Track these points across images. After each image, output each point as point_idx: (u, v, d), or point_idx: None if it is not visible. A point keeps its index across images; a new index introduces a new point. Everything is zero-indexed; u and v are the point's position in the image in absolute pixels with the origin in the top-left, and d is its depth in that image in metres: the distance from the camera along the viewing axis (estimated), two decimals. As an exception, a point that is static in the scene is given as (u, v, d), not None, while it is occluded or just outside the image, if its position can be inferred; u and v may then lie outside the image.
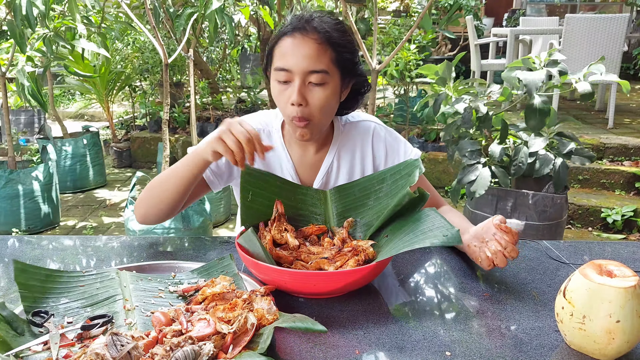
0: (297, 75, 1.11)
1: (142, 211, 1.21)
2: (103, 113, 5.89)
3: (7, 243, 1.26)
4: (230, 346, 0.76)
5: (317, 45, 1.11)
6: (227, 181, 1.33)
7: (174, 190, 1.14)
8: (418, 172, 1.06)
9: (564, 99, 5.89)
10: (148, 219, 1.21)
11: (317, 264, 1.00)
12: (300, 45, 1.11)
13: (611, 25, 4.39)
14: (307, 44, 1.11)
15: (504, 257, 1.00)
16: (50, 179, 3.68)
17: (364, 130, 1.32)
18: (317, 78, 1.12)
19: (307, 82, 1.12)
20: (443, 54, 8.10)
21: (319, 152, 1.31)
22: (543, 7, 9.10)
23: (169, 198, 1.16)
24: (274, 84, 1.16)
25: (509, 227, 1.02)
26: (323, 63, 1.12)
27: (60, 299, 0.92)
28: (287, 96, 1.14)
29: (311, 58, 1.11)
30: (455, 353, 0.81)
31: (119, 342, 0.73)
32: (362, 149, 1.31)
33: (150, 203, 1.19)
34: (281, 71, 1.12)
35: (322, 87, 1.13)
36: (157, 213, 1.19)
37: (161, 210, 1.19)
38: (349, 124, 1.33)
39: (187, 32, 2.86)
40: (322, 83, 1.12)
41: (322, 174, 1.30)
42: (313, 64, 1.11)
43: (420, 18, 2.88)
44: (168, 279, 1.01)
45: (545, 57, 2.34)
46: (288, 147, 1.30)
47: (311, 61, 1.11)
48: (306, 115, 1.14)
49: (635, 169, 3.87)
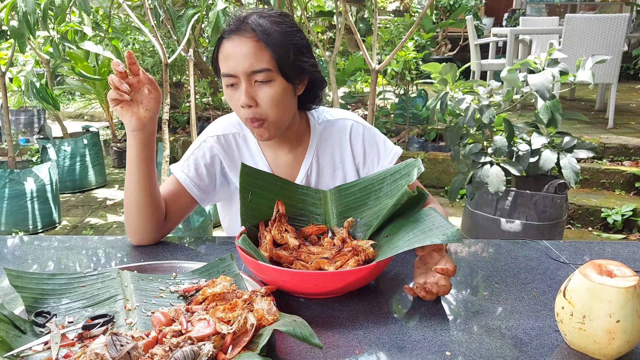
0: (241, 77, 1.10)
1: (130, 231, 1.21)
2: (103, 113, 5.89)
3: (7, 243, 1.26)
4: (229, 346, 0.76)
5: (254, 43, 1.09)
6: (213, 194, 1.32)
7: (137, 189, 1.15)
8: (417, 171, 1.06)
9: (564, 99, 5.89)
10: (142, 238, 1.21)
11: (317, 264, 1.00)
12: (238, 47, 1.09)
13: (611, 25, 4.39)
14: (245, 44, 1.09)
15: (433, 293, 0.94)
16: (50, 179, 3.68)
17: (342, 129, 1.30)
18: (261, 76, 1.10)
19: (254, 82, 1.11)
20: (443, 54, 8.10)
21: (292, 151, 1.29)
22: (543, 7, 9.10)
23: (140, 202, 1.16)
24: (224, 90, 1.16)
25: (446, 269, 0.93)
26: (263, 61, 1.09)
27: (62, 299, 0.92)
28: (236, 99, 1.13)
29: (251, 58, 1.09)
30: (455, 353, 0.81)
31: (118, 342, 0.73)
32: (341, 148, 1.30)
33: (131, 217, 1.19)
34: (227, 77, 1.12)
35: (268, 85, 1.11)
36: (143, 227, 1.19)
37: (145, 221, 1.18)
38: (326, 122, 1.31)
39: (187, 33, 2.86)
40: (267, 80, 1.11)
41: (302, 175, 1.29)
42: (254, 64, 1.09)
43: (420, 18, 2.88)
44: (169, 279, 1.01)
45: (546, 56, 2.34)
46: (263, 149, 1.30)
47: (251, 61, 1.09)
48: (258, 115, 1.13)
49: (635, 169, 3.87)
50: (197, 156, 1.28)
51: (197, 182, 1.27)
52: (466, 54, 7.26)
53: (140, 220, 1.18)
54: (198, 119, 4.98)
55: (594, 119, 5.00)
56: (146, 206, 1.17)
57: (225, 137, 1.30)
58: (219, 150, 1.29)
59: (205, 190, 1.28)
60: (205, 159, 1.28)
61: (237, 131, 1.31)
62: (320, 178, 1.31)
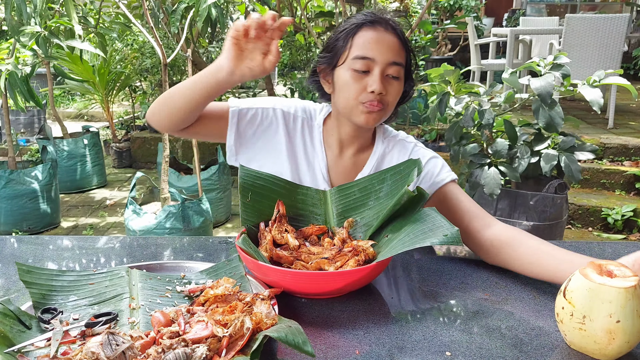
0: (379, 65, 1.15)
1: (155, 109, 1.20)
2: (103, 113, 5.89)
3: (7, 243, 1.26)
4: (224, 350, 0.76)
5: (398, 40, 1.17)
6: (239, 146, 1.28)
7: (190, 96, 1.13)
8: (417, 171, 1.06)
9: (564, 99, 5.89)
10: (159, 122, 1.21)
11: (318, 264, 1.00)
12: (384, 38, 1.16)
13: (611, 25, 4.39)
14: (390, 37, 1.17)
15: None
16: (50, 179, 3.68)
17: (403, 148, 1.31)
18: (395, 70, 1.16)
19: (385, 74, 1.16)
20: (443, 54, 8.10)
21: (355, 157, 1.29)
22: (543, 7, 9.10)
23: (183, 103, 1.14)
24: (347, 73, 1.16)
25: None
26: (402, 57, 1.18)
27: (69, 296, 0.92)
28: (363, 84, 1.15)
29: (394, 51, 1.16)
30: (455, 353, 0.81)
31: (114, 341, 0.73)
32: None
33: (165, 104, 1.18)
34: (362, 59, 1.15)
35: (397, 81, 1.18)
36: (167, 116, 1.18)
37: (172, 114, 1.17)
38: (391, 138, 1.33)
39: (184, 32, 2.85)
40: (397, 77, 1.17)
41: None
42: (395, 56, 1.16)
43: (420, 19, 2.88)
44: (177, 278, 1.02)
45: (550, 60, 2.34)
46: (326, 146, 1.29)
47: (394, 54, 1.16)
48: (384, 102, 1.17)
49: (635, 169, 3.87)
50: (259, 111, 1.27)
51: (242, 126, 1.26)
52: (466, 54, 7.26)
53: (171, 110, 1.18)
54: (198, 119, 4.97)
55: (594, 119, 5.00)
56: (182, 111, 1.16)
57: (295, 117, 1.29)
58: (281, 123, 1.27)
59: (240, 136, 1.27)
60: (263, 120, 1.27)
61: (306, 118, 1.30)
62: None
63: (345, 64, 1.17)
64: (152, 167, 5.13)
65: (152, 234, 2.81)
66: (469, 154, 2.47)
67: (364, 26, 1.17)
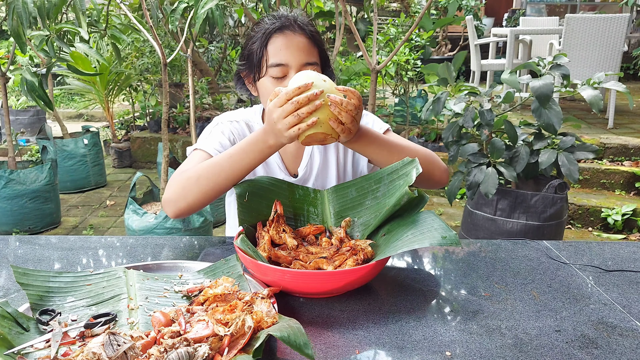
0: (294, 68, 1.19)
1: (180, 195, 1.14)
2: (103, 113, 5.89)
3: (7, 243, 1.26)
4: (226, 349, 0.76)
5: (307, 40, 1.22)
6: None
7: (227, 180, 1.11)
8: (415, 172, 1.05)
9: (564, 99, 5.89)
10: (184, 210, 1.16)
11: (316, 263, 1.00)
12: (293, 41, 1.20)
13: (611, 25, 4.39)
14: (299, 39, 1.21)
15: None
16: (51, 179, 3.68)
17: None
18: (311, 69, 1.17)
19: None
20: (443, 54, 8.09)
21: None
22: (543, 7, 9.09)
23: (218, 187, 1.12)
24: (267, 81, 1.22)
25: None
26: (314, 56, 1.22)
27: (67, 297, 0.92)
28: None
29: (305, 52, 1.20)
30: (455, 353, 0.81)
31: (115, 341, 0.73)
32: None
33: (193, 192, 1.13)
34: (277, 67, 1.19)
35: None
36: (196, 204, 1.14)
37: (201, 202, 1.14)
38: None
39: (185, 32, 2.85)
40: None
41: (305, 162, 1.35)
42: (307, 57, 1.20)
43: (420, 18, 2.88)
44: (174, 279, 1.01)
45: (550, 60, 2.34)
46: None
47: (306, 54, 1.20)
48: None
49: (635, 169, 3.87)
50: (219, 133, 1.31)
51: None
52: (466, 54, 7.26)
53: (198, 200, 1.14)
54: (197, 119, 4.98)
55: (594, 119, 5.00)
56: (216, 191, 1.13)
57: (238, 122, 1.36)
58: (234, 132, 1.33)
59: None
60: (225, 136, 1.31)
61: (246, 120, 1.37)
62: (319, 163, 1.35)
63: (263, 72, 1.22)
64: (152, 167, 5.13)
65: (152, 234, 2.81)
66: (467, 153, 2.47)
67: (273, 34, 1.21)
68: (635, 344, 0.84)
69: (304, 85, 0.97)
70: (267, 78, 1.22)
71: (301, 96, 0.96)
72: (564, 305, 0.97)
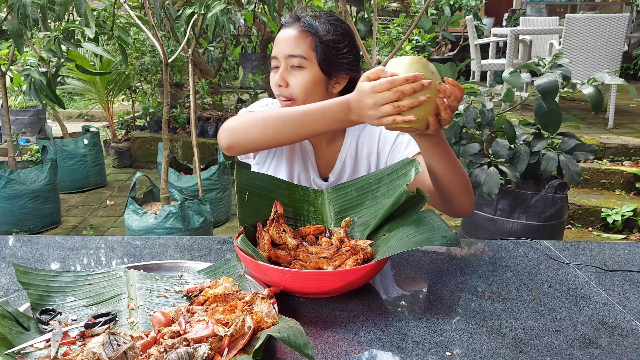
0: (281, 60, 1.22)
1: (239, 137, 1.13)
2: (103, 113, 5.89)
3: (7, 243, 1.26)
4: (226, 349, 0.76)
5: (297, 32, 1.21)
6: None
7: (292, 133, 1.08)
8: (414, 171, 1.05)
9: (564, 99, 5.89)
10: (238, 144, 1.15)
11: (316, 263, 1.00)
12: (284, 34, 1.23)
13: (611, 25, 4.39)
14: (290, 32, 1.22)
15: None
16: (51, 179, 3.68)
17: (372, 130, 1.35)
18: (296, 61, 1.20)
19: (290, 67, 1.22)
20: (443, 54, 8.09)
21: (331, 144, 1.34)
22: (543, 7, 9.09)
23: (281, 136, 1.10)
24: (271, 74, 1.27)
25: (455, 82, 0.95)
26: (301, 49, 1.21)
27: (67, 297, 0.92)
28: (274, 79, 1.24)
29: (291, 43, 1.21)
30: (455, 353, 0.81)
31: (115, 341, 0.73)
32: (369, 146, 1.34)
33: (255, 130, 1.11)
34: (272, 59, 1.25)
35: (300, 71, 1.21)
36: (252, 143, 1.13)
37: (257, 144, 1.13)
38: None
39: (187, 32, 2.86)
40: (299, 67, 1.21)
41: (337, 169, 1.34)
42: (291, 49, 1.21)
43: (419, 18, 2.88)
44: (174, 278, 1.02)
45: (550, 60, 2.34)
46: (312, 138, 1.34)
47: (290, 46, 1.21)
48: (287, 95, 1.23)
49: (635, 169, 3.86)
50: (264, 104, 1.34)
51: None
52: (466, 54, 7.26)
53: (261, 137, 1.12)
54: (198, 119, 4.98)
55: (594, 119, 5.00)
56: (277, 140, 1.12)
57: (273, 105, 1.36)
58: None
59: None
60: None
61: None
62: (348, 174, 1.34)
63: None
64: (152, 167, 5.13)
65: (152, 234, 2.81)
66: (468, 153, 2.47)
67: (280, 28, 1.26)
68: (635, 344, 0.84)
69: (412, 77, 0.89)
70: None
71: (406, 86, 0.89)
72: (564, 305, 0.97)
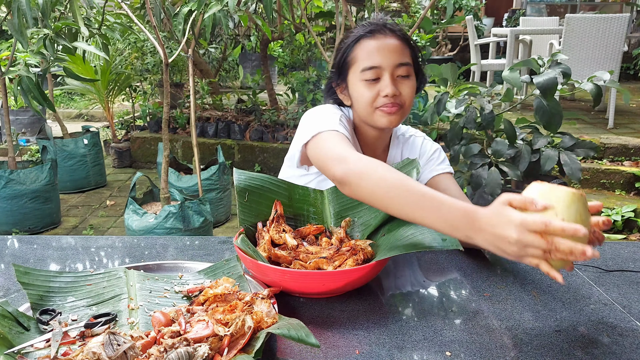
0: (387, 69, 1.19)
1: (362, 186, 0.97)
2: (103, 113, 5.89)
3: (7, 243, 1.26)
4: (226, 349, 0.76)
5: (399, 42, 1.22)
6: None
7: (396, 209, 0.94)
8: (415, 172, 1.06)
9: (564, 99, 5.89)
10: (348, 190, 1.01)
11: (316, 263, 1.00)
12: (385, 44, 1.20)
13: (611, 25, 4.39)
14: (391, 42, 1.21)
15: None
16: (51, 179, 3.68)
17: (414, 144, 1.40)
18: (404, 70, 1.21)
19: (396, 76, 1.21)
20: (443, 54, 8.09)
21: (381, 154, 1.37)
22: (543, 7, 9.09)
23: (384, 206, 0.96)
24: (358, 85, 1.22)
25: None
26: (407, 57, 1.22)
27: (67, 297, 0.92)
28: (376, 91, 1.20)
29: (397, 53, 1.20)
30: (455, 353, 0.81)
31: (115, 341, 0.73)
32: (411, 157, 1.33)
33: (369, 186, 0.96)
34: (369, 70, 1.20)
35: (408, 79, 1.22)
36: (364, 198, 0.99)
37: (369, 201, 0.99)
38: (400, 135, 1.41)
39: (186, 32, 2.85)
40: (407, 75, 1.22)
41: None
42: (400, 58, 1.20)
43: (421, 19, 2.88)
44: (174, 279, 1.02)
45: (549, 58, 2.34)
46: (363, 148, 1.34)
47: (398, 55, 1.20)
48: (400, 101, 1.22)
49: (635, 169, 3.86)
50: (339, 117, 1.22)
51: None
52: (466, 54, 7.26)
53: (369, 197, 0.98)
54: (198, 119, 4.98)
55: (594, 119, 5.00)
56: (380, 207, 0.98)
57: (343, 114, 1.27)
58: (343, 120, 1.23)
59: None
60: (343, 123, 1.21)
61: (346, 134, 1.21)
62: None
63: (356, 78, 1.22)
64: (152, 167, 5.13)
65: (152, 234, 2.81)
66: (469, 154, 2.47)
67: (362, 38, 1.22)
68: (635, 344, 0.84)
69: (573, 230, 0.74)
70: (359, 82, 1.22)
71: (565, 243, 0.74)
72: (564, 305, 0.97)
